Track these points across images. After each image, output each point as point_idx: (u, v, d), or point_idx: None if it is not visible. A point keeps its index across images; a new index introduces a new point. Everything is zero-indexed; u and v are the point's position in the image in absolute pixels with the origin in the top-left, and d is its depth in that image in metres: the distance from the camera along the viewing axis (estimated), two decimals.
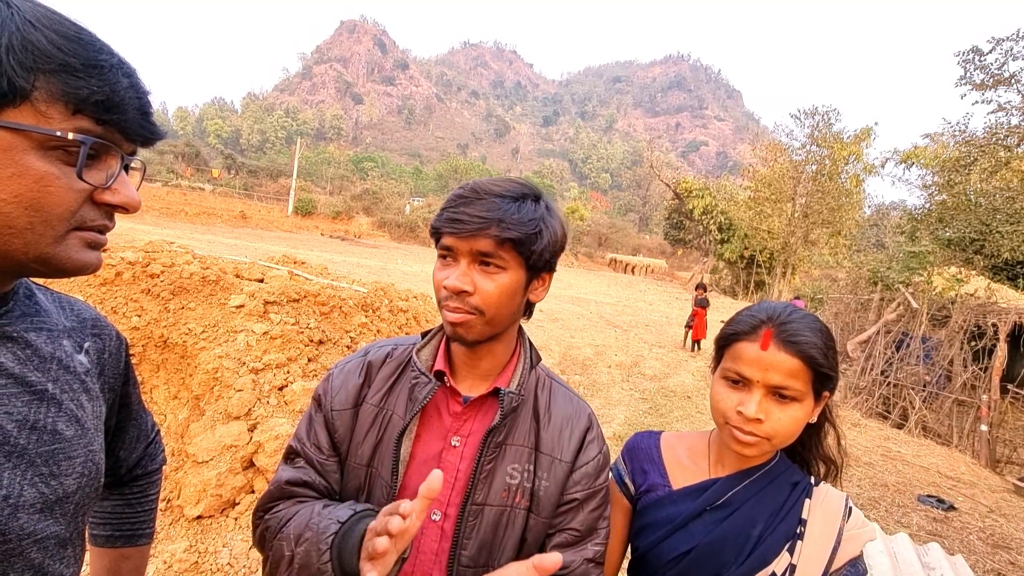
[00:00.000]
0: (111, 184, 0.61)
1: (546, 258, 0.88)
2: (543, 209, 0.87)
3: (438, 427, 0.92)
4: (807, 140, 26.54)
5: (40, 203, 0.55)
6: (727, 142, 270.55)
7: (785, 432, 0.90)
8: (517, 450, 0.91)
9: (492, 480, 0.88)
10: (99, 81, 0.56)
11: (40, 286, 0.74)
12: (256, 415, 3.31)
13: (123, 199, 0.62)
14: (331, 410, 0.95)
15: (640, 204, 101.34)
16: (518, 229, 0.82)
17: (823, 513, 0.95)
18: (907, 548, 3.09)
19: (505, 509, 0.88)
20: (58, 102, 0.54)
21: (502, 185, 0.86)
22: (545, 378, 1.00)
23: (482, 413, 0.92)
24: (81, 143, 0.56)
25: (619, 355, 9.44)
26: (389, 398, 0.94)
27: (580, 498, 0.92)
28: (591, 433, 0.96)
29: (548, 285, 0.95)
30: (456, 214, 0.83)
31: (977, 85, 10.96)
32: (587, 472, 0.93)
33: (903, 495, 5.02)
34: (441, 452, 0.90)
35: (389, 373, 0.97)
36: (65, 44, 0.54)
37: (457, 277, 0.84)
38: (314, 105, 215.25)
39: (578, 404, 0.99)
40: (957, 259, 10.27)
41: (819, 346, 0.90)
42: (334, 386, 0.97)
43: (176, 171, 46.07)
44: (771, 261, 29.59)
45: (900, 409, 7.90)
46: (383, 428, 0.92)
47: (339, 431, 0.94)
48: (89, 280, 3.79)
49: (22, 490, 0.59)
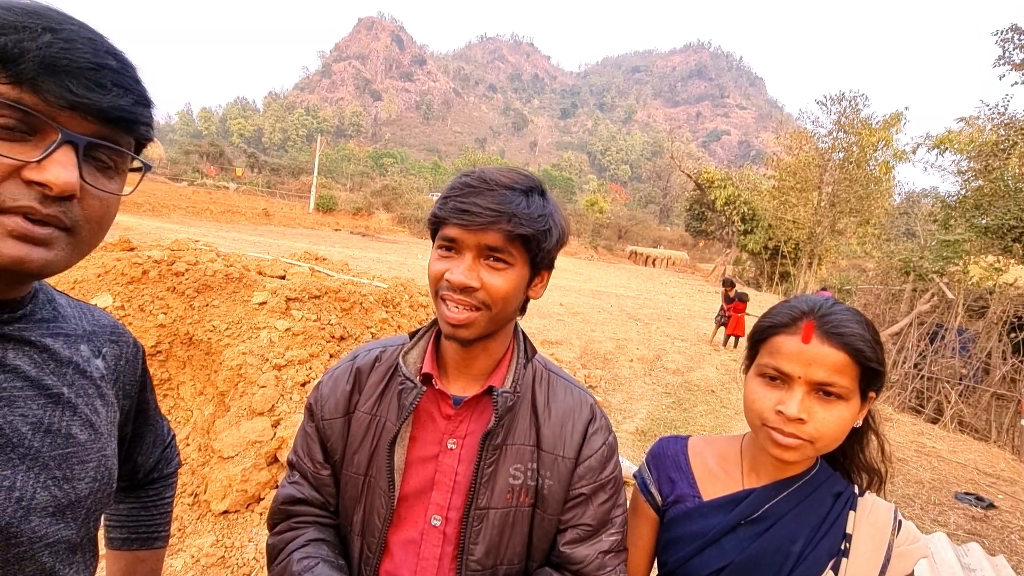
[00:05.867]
0: (40, 160, 0.53)
1: (552, 256, 0.86)
2: (550, 204, 0.85)
3: (432, 430, 0.89)
4: (833, 127, 25.77)
5: None
6: (750, 131, 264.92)
7: (831, 434, 0.83)
8: (519, 449, 0.88)
9: (495, 483, 0.86)
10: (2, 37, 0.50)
11: (61, 292, 0.74)
12: (279, 411, 3.34)
13: (49, 177, 0.53)
14: (322, 419, 0.93)
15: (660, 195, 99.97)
16: (530, 225, 0.79)
17: (870, 527, 0.87)
18: (945, 548, 2.98)
19: (510, 510, 0.86)
20: None
21: (509, 176, 0.82)
22: (543, 371, 0.97)
23: (477, 413, 0.89)
24: None
25: (641, 349, 9.32)
26: (381, 405, 0.91)
27: (587, 492, 0.89)
28: (593, 425, 0.93)
29: (546, 283, 0.92)
30: (465, 204, 0.78)
31: (1017, 65, 10.46)
32: (591, 466, 0.90)
33: (939, 492, 4.84)
34: (437, 456, 0.88)
35: (379, 379, 0.93)
36: None
37: (463, 272, 0.79)
38: (334, 103, 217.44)
39: (579, 395, 0.96)
40: (995, 247, 9.85)
41: (867, 338, 0.83)
42: (323, 394, 0.95)
43: (201, 171, 47.01)
44: (796, 252, 28.92)
45: (934, 403, 7.64)
46: (377, 436, 0.89)
47: (331, 440, 0.92)
48: (116, 278, 3.86)
49: (35, 493, 0.59)
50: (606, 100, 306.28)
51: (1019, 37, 10.35)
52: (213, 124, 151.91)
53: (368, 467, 0.89)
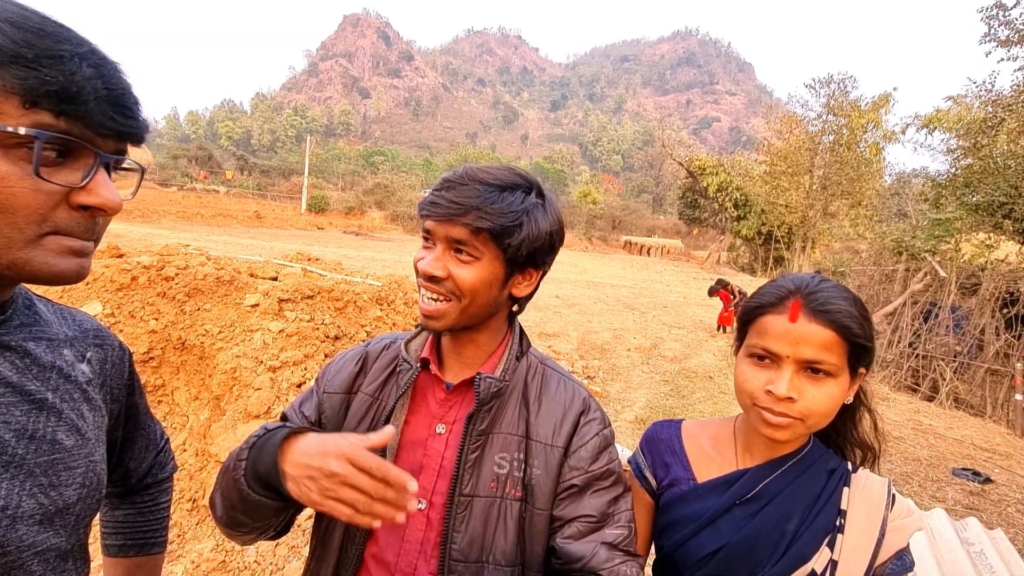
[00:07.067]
0: (86, 184, 0.57)
1: (525, 253, 0.84)
2: (531, 202, 0.84)
3: (425, 414, 0.91)
4: (823, 110, 25.83)
5: (3, 205, 0.52)
6: (740, 117, 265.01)
7: (820, 411, 0.83)
8: (505, 438, 0.88)
9: (479, 470, 0.86)
10: (52, 71, 0.52)
11: (40, 297, 0.73)
12: (276, 413, 3.32)
13: (100, 200, 0.58)
14: (323, 392, 0.97)
15: (653, 184, 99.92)
16: (494, 220, 0.80)
17: (864, 502, 0.87)
18: (944, 524, 3.00)
19: (495, 500, 0.85)
20: (12, 97, 0.51)
21: (494, 173, 0.83)
22: (538, 364, 0.98)
23: (467, 400, 0.90)
24: (35, 138, 0.52)
25: (638, 338, 9.34)
26: (384, 389, 0.95)
27: (579, 484, 0.87)
28: (586, 416, 0.92)
29: (535, 282, 0.91)
30: (436, 197, 0.82)
31: (1002, 42, 10.46)
32: (582, 456, 0.88)
33: (937, 469, 4.88)
34: (426, 439, 0.89)
35: (384, 364, 0.97)
36: (18, 35, 0.51)
37: (430, 262, 0.83)
38: (322, 102, 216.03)
39: (572, 388, 0.96)
40: (985, 224, 9.89)
41: (854, 315, 0.83)
42: (331, 370, 1.00)
43: (190, 175, 46.67)
44: (790, 236, 29.02)
45: (930, 381, 7.69)
46: (375, 418, 0.92)
47: (326, 412, 0.95)
48: (105, 285, 3.82)
49: (20, 501, 0.59)
50: (596, 91, 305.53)
51: (1004, 14, 10.36)
52: (201, 127, 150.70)
53: None
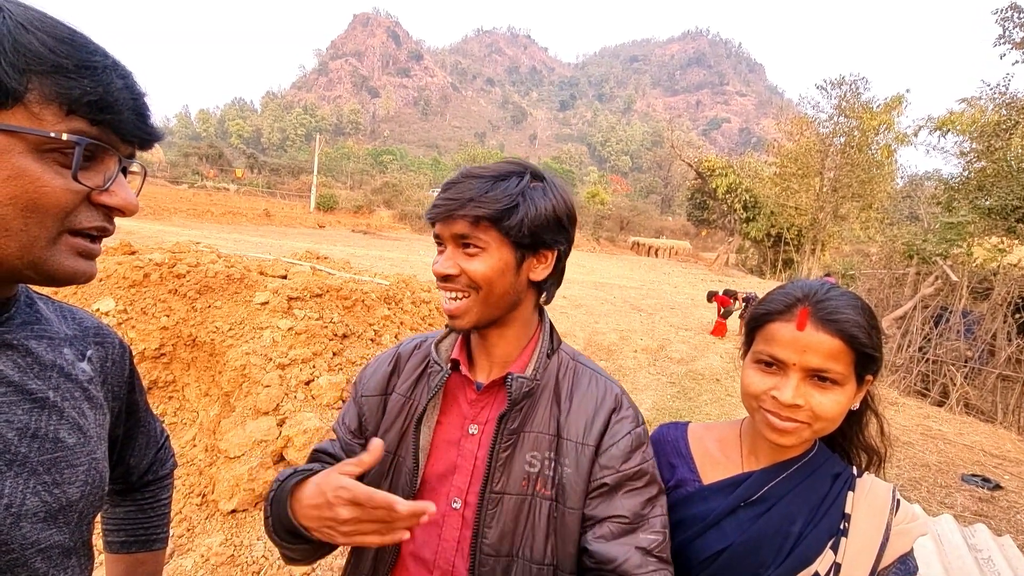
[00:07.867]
0: (109, 186, 0.60)
1: (528, 232, 0.84)
2: (526, 184, 0.85)
3: (457, 415, 0.93)
4: (834, 111, 25.69)
5: (36, 205, 0.55)
6: (750, 118, 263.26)
7: (827, 418, 0.83)
8: (536, 437, 0.88)
9: (510, 468, 0.87)
10: (92, 82, 0.55)
11: (41, 295, 0.74)
12: (284, 410, 3.36)
13: (120, 201, 0.62)
14: (361, 396, 1.01)
15: (662, 185, 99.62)
16: (488, 206, 0.81)
17: (868, 507, 0.88)
18: (952, 530, 2.97)
19: (525, 498, 0.85)
20: (51, 104, 0.54)
21: (490, 168, 0.86)
22: (569, 361, 0.96)
23: (498, 400, 0.91)
24: (76, 144, 0.55)
25: (645, 339, 9.32)
26: (416, 389, 0.97)
27: (611, 483, 0.85)
28: (618, 414, 0.90)
29: (551, 263, 0.90)
30: (437, 200, 0.85)
31: (1017, 44, 10.35)
32: (614, 455, 0.86)
33: (946, 475, 4.84)
34: (460, 440, 0.91)
35: (416, 364, 1.00)
36: (58, 46, 0.54)
37: (441, 262, 0.86)
38: (331, 101, 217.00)
39: (605, 384, 0.94)
40: (998, 228, 9.77)
41: (861, 324, 0.83)
42: (367, 374, 1.04)
43: (201, 173, 47.04)
44: (799, 238, 28.85)
45: (940, 386, 7.62)
46: (409, 417, 0.94)
47: (366, 415, 0.99)
48: (118, 282, 3.87)
49: (24, 499, 0.59)
50: (605, 91, 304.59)
51: (1019, 15, 10.24)
52: (211, 126, 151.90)
53: (398, 446, 0.93)
